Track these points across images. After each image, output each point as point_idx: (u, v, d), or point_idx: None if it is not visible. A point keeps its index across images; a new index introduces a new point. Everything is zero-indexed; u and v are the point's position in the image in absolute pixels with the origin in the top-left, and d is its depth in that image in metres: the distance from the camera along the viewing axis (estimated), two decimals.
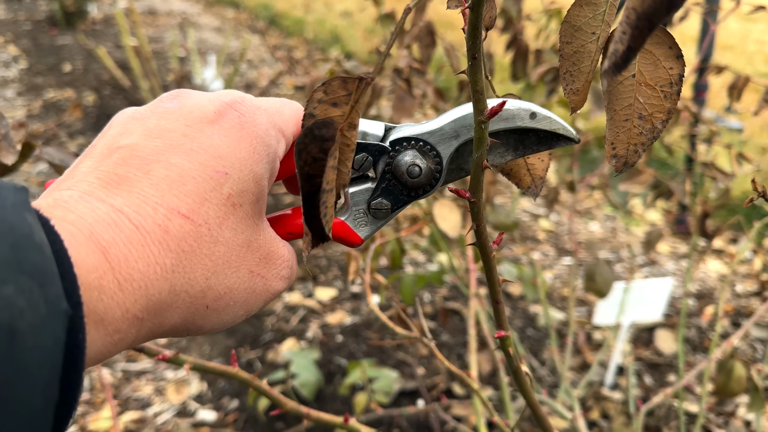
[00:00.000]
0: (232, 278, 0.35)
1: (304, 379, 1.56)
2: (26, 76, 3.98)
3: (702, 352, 1.91)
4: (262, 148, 0.37)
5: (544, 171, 0.53)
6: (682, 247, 2.48)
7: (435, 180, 0.45)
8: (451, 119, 0.44)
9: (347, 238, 0.45)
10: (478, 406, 1.18)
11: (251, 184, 0.36)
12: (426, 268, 2.23)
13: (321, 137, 0.33)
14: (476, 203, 0.48)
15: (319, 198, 0.33)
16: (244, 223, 0.35)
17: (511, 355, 0.59)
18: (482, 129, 0.44)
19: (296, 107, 0.42)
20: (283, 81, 3.91)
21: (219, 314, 0.35)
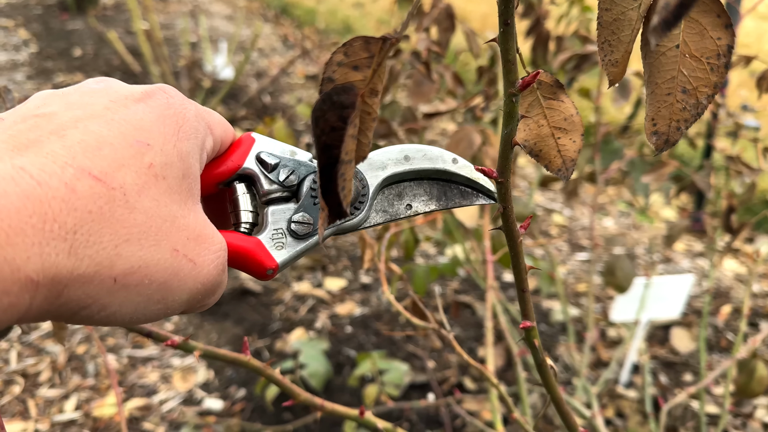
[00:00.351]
0: (149, 251, 0.32)
1: (313, 369, 1.53)
2: (36, 60, 3.96)
3: (719, 352, 1.87)
4: (190, 129, 0.36)
5: (575, 152, 0.50)
6: (697, 245, 2.44)
7: (360, 204, 0.44)
8: (381, 153, 0.45)
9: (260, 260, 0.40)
10: (494, 401, 1.14)
11: (175, 159, 0.34)
12: (437, 260, 2.19)
13: (340, 104, 0.30)
14: (504, 184, 0.44)
15: (337, 170, 0.31)
16: (169, 196, 0.33)
17: (537, 347, 0.56)
18: (513, 102, 0.40)
19: (225, 120, 0.41)
20: (294, 70, 3.87)
21: (129, 293, 0.31)
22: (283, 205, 0.42)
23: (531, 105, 0.49)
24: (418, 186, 0.46)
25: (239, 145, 0.42)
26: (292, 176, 0.42)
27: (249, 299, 1.96)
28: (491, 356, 1.15)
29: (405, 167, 0.44)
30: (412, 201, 0.46)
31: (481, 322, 1.86)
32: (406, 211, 0.46)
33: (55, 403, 1.56)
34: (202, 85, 3.30)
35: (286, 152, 0.43)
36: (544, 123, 0.49)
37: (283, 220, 0.42)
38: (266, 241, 0.41)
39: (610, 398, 1.62)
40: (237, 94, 3.56)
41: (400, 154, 0.44)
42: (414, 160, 0.44)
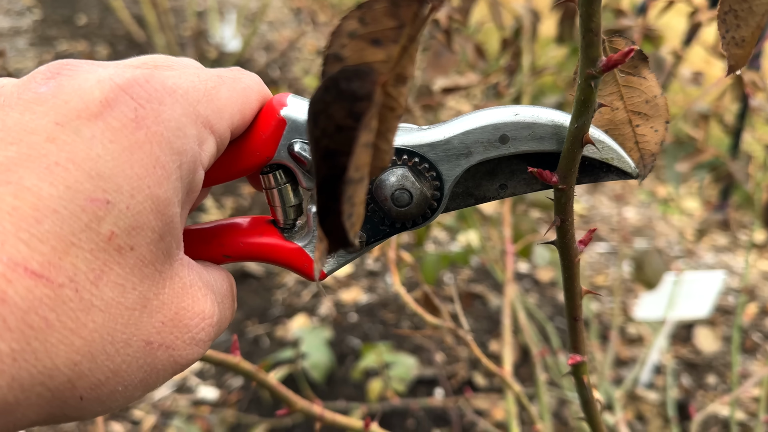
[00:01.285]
0: (118, 358, 0.25)
1: (314, 360, 1.44)
2: (39, 27, 3.86)
3: (744, 353, 1.77)
4: (170, 157, 0.26)
5: (657, 145, 0.38)
6: (721, 239, 2.33)
7: (431, 210, 0.33)
8: (462, 129, 0.32)
9: (304, 270, 0.33)
10: (510, 404, 1.05)
11: (149, 216, 0.25)
12: (448, 247, 2.09)
13: (351, 94, 0.20)
14: (566, 191, 0.34)
15: (342, 189, 0.21)
16: (138, 274, 0.25)
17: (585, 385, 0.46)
18: (591, 87, 0.29)
19: (243, 85, 0.30)
20: (304, 44, 3.76)
21: (103, 403, 0.25)
22: None
23: (603, 82, 0.37)
24: (520, 160, 0.33)
25: (265, 123, 0.31)
26: None
27: (250, 282, 1.87)
28: (509, 356, 1.05)
29: (499, 152, 0.32)
30: (508, 180, 0.34)
31: (494, 314, 1.76)
32: (499, 193, 0.34)
33: None
34: (207, 57, 3.19)
35: None
36: (619, 106, 0.38)
37: None
38: (310, 250, 0.33)
39: (630, 400, 1.53)
40: (244, 66, 3.44)
41: (494, 132, 0.32)
42: (514, 141, 0.32)
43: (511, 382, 0.90)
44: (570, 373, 0.41)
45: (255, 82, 0.31)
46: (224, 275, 0.32)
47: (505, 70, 1.32)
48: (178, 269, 0.28)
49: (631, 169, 0.34)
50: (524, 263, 2.01)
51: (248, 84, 0.31)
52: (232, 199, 2.30)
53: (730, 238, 2.31)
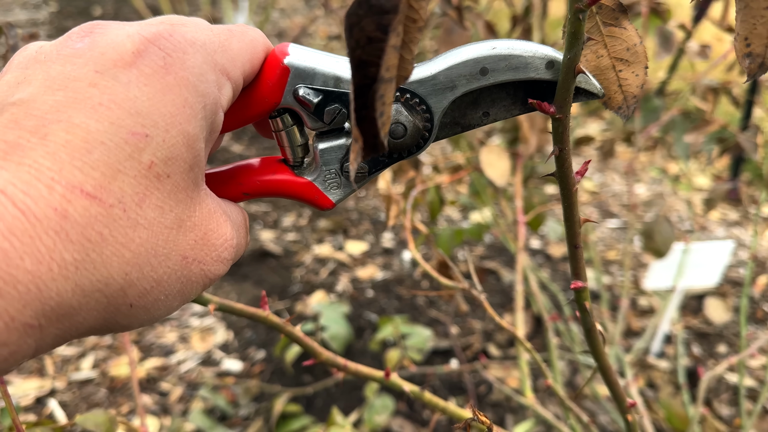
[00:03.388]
0: (160, 269, 0.28)
1: (333, 332, 1.49)
2: (56, 19, 3.92)
3: (754, 323, 1.80)
4: (196, 98, 0.29)
5: (638, 88, 0.43)
6: (732, 213, 2.35)
7: (423, 140, 0.37)
8: (446, 65, 0.35)
9: (315, 201, 0.37)
10: (523, 367, 1.09)
11: (181, 148, 0.28)
12: (461, 225, 2.13)
13: (379, 8, 0.24)
14: (562, 121, 0.38)
15: (375, 91, 0.24)
16: (174, 198, 0.29)
17: (587, 310, 0.50)
18: (579, 20, 0.33)
19: (250, 37, 0.34)
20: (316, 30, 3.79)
21: (148, 311, 0.29)
22: (334, 141, 0.37)
23: (589, 32, 0.42)
24: (499, 89, 0.37)
25: (271, 72, 0.35)
26: (339, 117, 0.36)
27: (269, 261, 1.92)
28: (521, 321, 1.09)
29: (482, 83, 0.35)
30: (490, 108, 0.38)
31: (507, 289, 1.80)
32: (482, 120, 0.38)
33: (72, 361, 1.54)
34: None
35: (329, 81, 0.35)
36: (603, 53, 0.42)
37: (335, 161, 0.37)
38: (320, 183, 0.37)
39: (641, 368, 1.56)
40: None
41: (475, 66, 0.35)
42: (493, 72, 0.35)
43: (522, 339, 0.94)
44: (572, 299, 0.45)
45: (260, 35, 0.35)
46: (239, 209, 0.36)
47: None
48: (204, 197, 0.31)
49: (597, 90, 0.37)
50: (536, 240, 2.04)
51: (254, 36, 0.34)
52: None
53: (741, 212, 2.33)
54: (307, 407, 1.40)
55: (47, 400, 1.43)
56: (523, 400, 1.07)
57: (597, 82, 0.37)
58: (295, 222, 2.14)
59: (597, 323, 0.52)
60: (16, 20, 3.83)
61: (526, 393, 1.08)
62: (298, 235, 2.07)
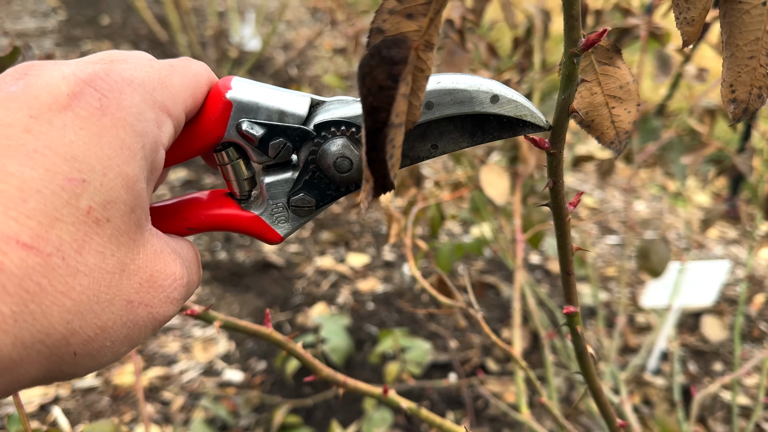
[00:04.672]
0: (104, 316, 0.28)
1: (334, 344, 1.51)
2: (65, 28, 3.96)
3: (750, 342, 1.81)
4: (134, 139, 0.29)
5: (630, 124, 0.45)
6: (731, 232, 2.37)
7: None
8: None
9: (263, 235, 0.37)
10: (520, 383, 1.11)
11: (120, 191, 0.28)
12: (462, 239, 2.15)
13: (390, 59, 0.26)
14: (556, 155, 0.40)
15: (386, 135, 0.27)
16: (115, 242, 0.28)
17: (579, 334, 0.52)
18: (573, 64, 0.36)
19: (193, 72, 0.33)
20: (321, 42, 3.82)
21: (94, 358, 0.28)
22: (281, 175, 0.37)
23: (584, 70, 0.44)
24: (447, 122, 0.37)
25: (214, 106, 0.35)
26: (284, 151, 0.36)
27: (271, 272, 1.95)
28: (518, 338, 1.11)
29: (427, 117, 0.36)
30: (438, 140, 0.38)
31: (506, 304, 1.82)
32: (431, 152, 0.38)
33: None
34: (228, 56, 3.27)
35: (273, 115, 0.35)
36: (597, 90, 0.45)
37: (282, 195, 0.37)
38: (267, 217, 0.37)
39: (638, 385, 1.58)
40: (264, 65, 3.53)
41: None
42: (439, 107, 0.35)
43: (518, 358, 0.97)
44: (565, 323, 0.48)
45: (203, 69, 0.34)
46: (189, 244, 0.35)
47: (517, 67, 1.38)
48: (149, 238, 0.31)
49: (543, 123, 0.38)
50: (536, 255, 2.06)
51: (197, 71, 0.34)
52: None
53: (740, 230, 2.35)
54: (306, 419, 1.42)
55: (51, 407, 1.45)
56: (519, 416, 1.09)
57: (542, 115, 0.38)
58: (298, 234, 2.17)
59: (588, 346, 0.55)
60: (25, 28, 3.88)
61: (522, 409, 1.10)
62: (301, 246, 2.10)
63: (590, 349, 0.53)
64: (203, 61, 0.37)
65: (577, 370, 0.57)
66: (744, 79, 0.38)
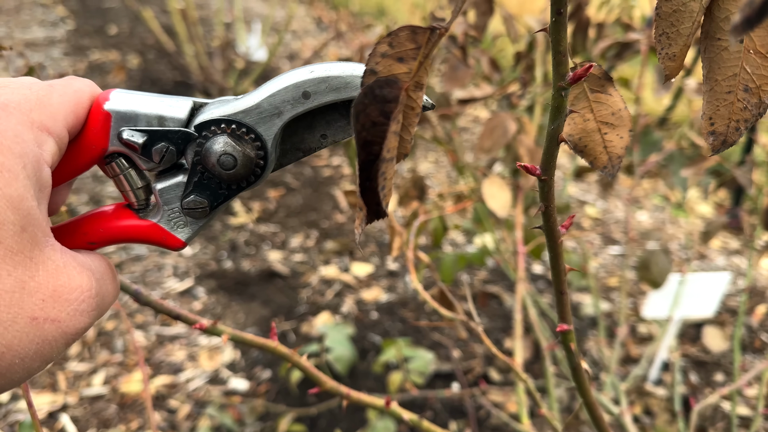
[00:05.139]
0: (8, 334, 0.28)
1: (338, 353, 1.53)
2: (73, 37, 4.00)
3: (752, 353, 1.82)
4: (13, 161, 0.29)
5: (622, 149, 0.47)
6: (733, 242, 2.38)
7: (260, 168, 0.37)
8: (268, 93, 0.36)
9: (164, 242, 0.38)
10: (521, 394, 1.13)
11: (6, 213, 0.28)
12: (465, 249, 2.17)
13: (383, 98, 0.29)
14: (547, 182, 0.42)
15: (378, 168, 0.29)
16: (10, 262, 0.28)
17: (572, 351, 0.54)
18: (562, 96, 0.38)
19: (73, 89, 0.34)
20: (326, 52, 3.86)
21: (5, 376, 0.29)
22: (171, 180, 0.37)
23: (577, 98, 0.46)
24: (332, 110, 0.38)
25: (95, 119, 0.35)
26: (169, 155, 0.36)
27: (276, 281, 1.97)
28: (519, 349, 1.13)
29: (305, 107, 0.36)
30: (326, 130, 0.38)
31: (509, 313, 1.83)
32: (321, 142, 0.39)
33: (84, 377, 1.59)
34: (235, 66, 3.30)
35: (152, 121, 0.35)
36: (590, 117, 0.47)
37: (176, 200, 0.37)
38: (164, 223, 0.37)
39: (639, 395, 1.59)
40: (270, 75, 3.56)
41: (296, 90, 0.36)
42: (316, 95, 0.36)
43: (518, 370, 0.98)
44: (559, 341, 0.49)
45: (86, 85, 0.35)
46: (100, 258, 0.36)
47: (519, 81, 1.40)
48: (50, 254, 0.31)
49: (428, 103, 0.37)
50: (538, 265, 2.08)
51: (79, 87, 0.34)
52: (259, 203, 2.41)
53: (742, 241, 2.36)
54: (311, 427, 1.44)
55: (59, 414, 1.47)
56: (520, 426, 1.11)
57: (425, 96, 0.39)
58: (303, 243, 2.19)
59: (583, 361, 0.57)
60: (34, 38, 3.93)
61: (522, 420, 1.12)
62: (305, 256, 2.12)
63: (584, 364, 0.55)
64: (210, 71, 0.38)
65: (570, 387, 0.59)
66: (722, 112, 0.39)
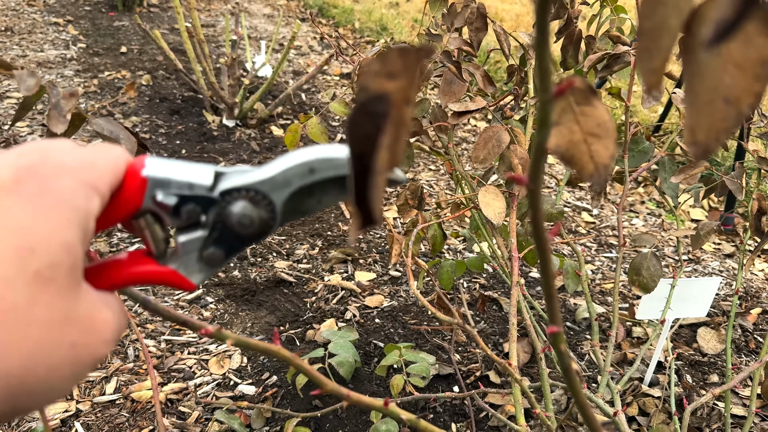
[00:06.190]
0: (54, 357, 0.33)
1: (341, 358, 1.58)
2: (84, 56, 4.10)
3: (746, 354, 1.86)
4: (71, 213, 0.34)
5: (608, 158, 0.52)
6: (726, 246, 2.42)
7: (269, 227, 0.44)
8: (282, 168, 0.43)
9: (179, 285, 0.44)
10: (517, 395, 1.18)
11: (62, 255, 0.33)
12: (465, 255, 2.23)
13: (374, 113, 0.31)
14: (535, 191, 0.47)
15: (370, 179, 0.32)
16: (59, 297, 0.33)
17: (563, 353, 0.59)
18: (547, 110, 0.43)
19: (114, 155, 0.40)
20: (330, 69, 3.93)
21: (45, 395, 0.33)
22: (192, 234, 0.43)
23: (563, 111, 0.51)
24: (329, 182, 0.44)
25: (132, 182, 0.41)
26: (194, 214, 0.42)
27: (282, 290, 2.03)
28: (514, 352, 1.18)
29: (311, 179, 0.43)
30: (322, 196, 0.45)
31: (507, 318, 1.88)
32: (317, 206, 0.46)
33: (96, 384, 1.65)
34: (242, 83, 3.38)
35: (183, 187, 0.41)
36: (576, 129, 0.52)
37: (194, 250, 0.43)
38: (182, 270, 0.43)
39: (634, 396, 1.64)
40: (275, 92, 3.64)
41: (305, 168, 0.43)
42: (320, 171, 0.43)
43: (512, 372, 1.03)
44: (550, 342, 0.54)
45: (122, 151, 0.40)
46: (114, 297, 0.41)
47: (512, 94, 1.46)
48: (85, 292, 0.36)
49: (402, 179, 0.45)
50: (536, 271, 2.13)
51: (117, 153, 0.40)
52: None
53: (736, 244, 2.40)
54: (316, 430, 1.49)
55: (72, 421, 1.53)
56: (517, 427, 1.15)
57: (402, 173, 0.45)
58: (308, 252, 2.25)
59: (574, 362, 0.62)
60: (47, 57, 4.03)
61: (519, 421, 1.16)
62: (310, 264, 2.18)
63: (576, 365, 0.60)
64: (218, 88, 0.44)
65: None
66: (703, 123, 0.44)
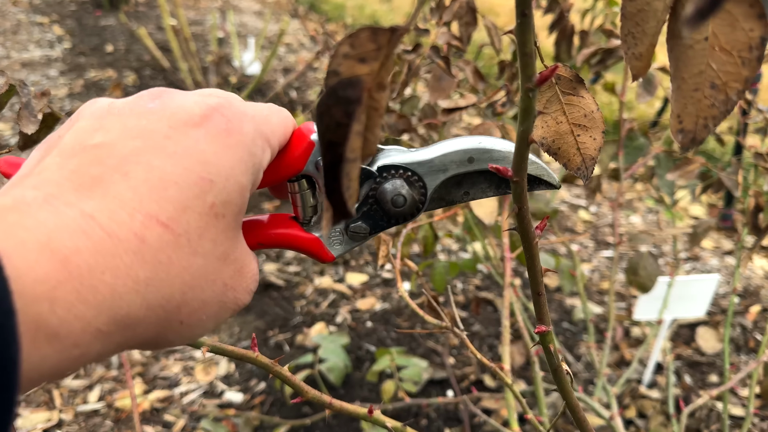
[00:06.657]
0: (207, 292, 0.33)
1: (332, 364, 1.54)
2: (69, 56, 4.04)
3: (746, 353, 1.83)
4: (248, 157, 0.35)
5: (595, 150, 0.48)
6: (726, 243, 2.38)
7: (417, 210, 0.44)
8: (441, 152, 0.44)
9: (319, 254, 0.44)
10: (510, 400, 1.13)
11: (236, 195, 0.33)
12: (459, 256, 2.18)
13: (345, 99, 0.29)
14: (519, 183, 0.43)
15: (341, 169, 0.29)
16: (225, 234, 0.33)
17: (552, 352, 0.55)
18: (530, 98, 0.39)
19: (284, 115, 0.40)
20: (320, 65, 3.89)
21: (191, 329, 0.33)
22: None
23: (549, 101, 0.47)
24: (479, 175, 0.45)
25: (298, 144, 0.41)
26: None
27: (271, 293, 1.98)
28: (507, 355, 1.13)
29: (467, 169, 0.43)
30: (470, 188, 0.45)
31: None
32: (463, 198, 0.46)
33: (79, 393, 1.60)
34: (229, 81, 3.33)
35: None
36: (563, 119, 0.48)
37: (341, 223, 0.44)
38: (325, 239, 0.43)
39: (633, 398, 1.60)
40: (264, 89, 3.59)
41: (464, 155, 0.43)
42: (478, 161, 0.43)
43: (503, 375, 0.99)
44: (538, 342, 0.50)
45: (289, 114, 0.41)
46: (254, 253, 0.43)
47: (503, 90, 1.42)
48: (241, 238, 0.36)
49: (556, 182, 0.45)
50: None
51: (286, 115, 0.40)
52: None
53: (735, 241, 2.36)
54: None
55: (54, 431, 1.48)
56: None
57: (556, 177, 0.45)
58: (297, 254, 2.20)
59: (563, 363, 0.57)
60: (32, 57, 3.96)
61: (512, 426, 1.12)
62: (300, 266, 2.13)
63: (565, 366, 0.55)
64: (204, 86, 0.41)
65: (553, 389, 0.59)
66: (690, 110, 0.40)
